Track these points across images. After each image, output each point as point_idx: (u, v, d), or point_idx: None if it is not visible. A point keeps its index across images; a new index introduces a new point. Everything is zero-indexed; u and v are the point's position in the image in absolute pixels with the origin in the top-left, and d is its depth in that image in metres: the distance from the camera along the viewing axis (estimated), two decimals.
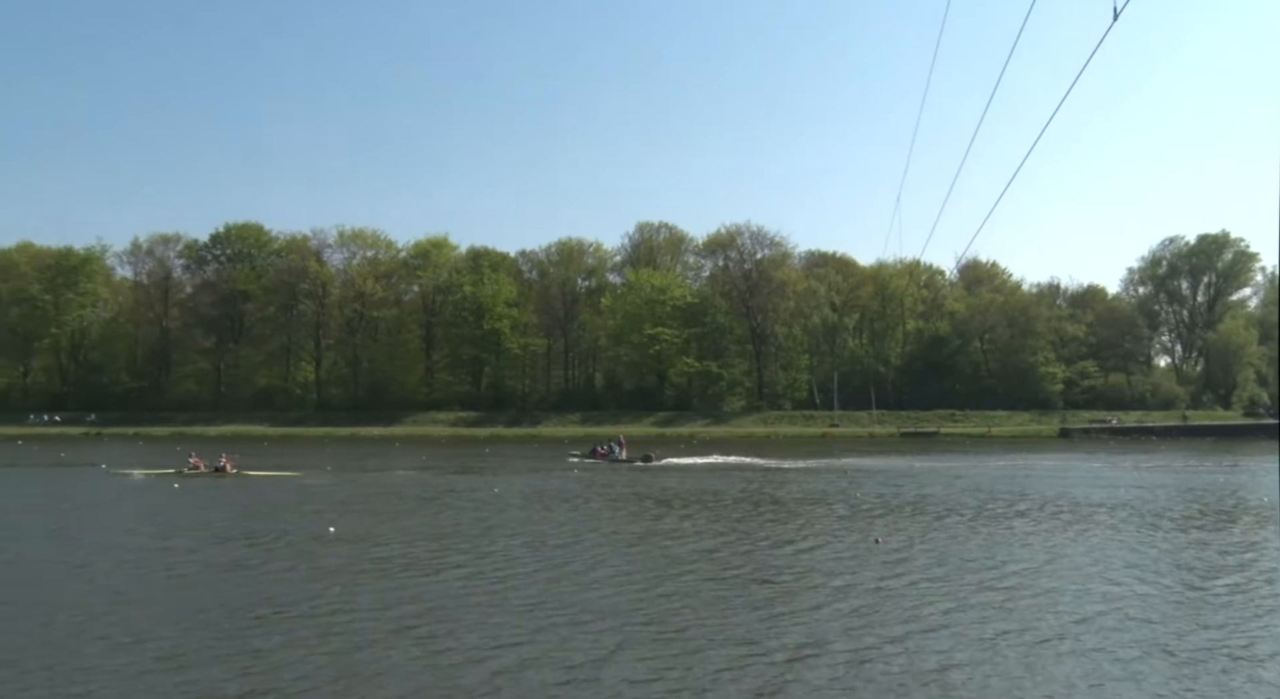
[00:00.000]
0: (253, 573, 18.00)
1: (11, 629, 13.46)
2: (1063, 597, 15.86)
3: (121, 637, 13.00)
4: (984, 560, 19.37)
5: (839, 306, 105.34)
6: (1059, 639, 13.08)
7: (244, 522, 25.62)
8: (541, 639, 12.87)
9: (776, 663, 11.85)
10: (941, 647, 12.63)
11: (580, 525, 24.80)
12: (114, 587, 16.71)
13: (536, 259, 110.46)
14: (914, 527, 24.55)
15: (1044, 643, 12.89)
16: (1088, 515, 27.14)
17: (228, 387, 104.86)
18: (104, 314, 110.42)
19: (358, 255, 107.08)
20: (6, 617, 14.27)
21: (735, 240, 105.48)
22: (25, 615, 14.34)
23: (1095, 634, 13.35)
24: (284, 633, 13.25)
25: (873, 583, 16.94)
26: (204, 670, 11.41)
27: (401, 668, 11.59)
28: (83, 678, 11.13)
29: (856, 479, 39.45)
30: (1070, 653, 12.38)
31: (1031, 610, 14.88)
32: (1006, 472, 44.30)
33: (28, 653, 12.13)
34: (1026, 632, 13.48)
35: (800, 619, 14.17)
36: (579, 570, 18.16)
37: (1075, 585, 16.79)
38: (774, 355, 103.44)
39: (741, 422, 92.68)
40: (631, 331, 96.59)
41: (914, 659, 12.04)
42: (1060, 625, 13.87)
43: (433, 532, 23.43)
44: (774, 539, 22.36)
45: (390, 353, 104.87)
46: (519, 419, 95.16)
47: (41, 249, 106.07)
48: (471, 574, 17.73)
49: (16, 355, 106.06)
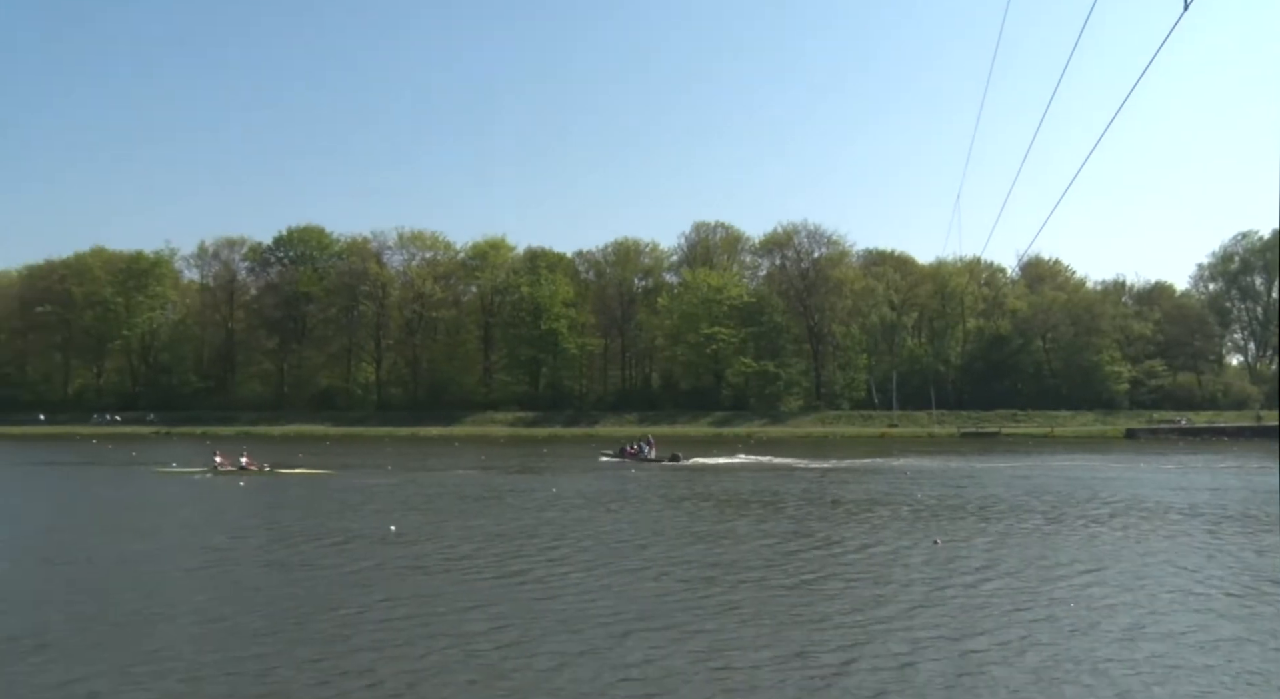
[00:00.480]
0: (324, 572, 18.29)
1: (94, 629, 13.86)
2: (1138, 603, 15.50)
3: (200, 635, 13.31)
4: (1052, 564, 19.00)
5: (897, 305, 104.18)
6: (1130, 646, 12.78)
7: (310, 520, 26.08)
8: (619, 644, 12.85)
9: (856, 672, 11.75)
10: (1008, 654, 12.41)
11: (643, 526, 24.84)
12: (189, 585, 17.12)
13: (593, 259, 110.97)
14: (975, 528, 24.18)
15: (1116, 653, 12.60)
16: (1161, 518, 26.48)
17: (291, 387, 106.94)
18: (172, 316, 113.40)
19: (417, 257, 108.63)
20: (99, 617, 14.69)
21: (792, 239, 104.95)
22: (108, 612, 14.76)
23: (1173, 645, 13.01)
24: (359, 634, 13.45)
25: (935, 586, 16.71)
26: (282, 673, 11.62)
27: (481, 670, 11.67)
28: (160, 678, 11.41)
29: (916, 479, 38.98)
30: (1147, 665, 12.09)
31: (1102, 616, 14.54)
32: (1072, 473, 43.39)
33: (116, 650, 12.49)
34: (1097, 639, 13.19)
35: (860, 624, 14.02)
36: (647, 572, 18.17)
37: (1151, 592, 16.41)
38: (831, 355, 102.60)
39: (799, 421, 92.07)
40: (688, 331, 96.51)
41: (979, 668, 11.86)
42: (1134, 633, 13.55)
43: (496, 531, 23.64)
44: (833, 540, 22.16)
45: (449, 353, 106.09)
46: (576, 419, 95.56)
47: (113, 253, 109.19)
48: (541, 577, 17.80)
49: (90, 357, 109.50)
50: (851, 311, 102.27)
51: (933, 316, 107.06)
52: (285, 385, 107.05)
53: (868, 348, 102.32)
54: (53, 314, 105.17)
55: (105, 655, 12.13)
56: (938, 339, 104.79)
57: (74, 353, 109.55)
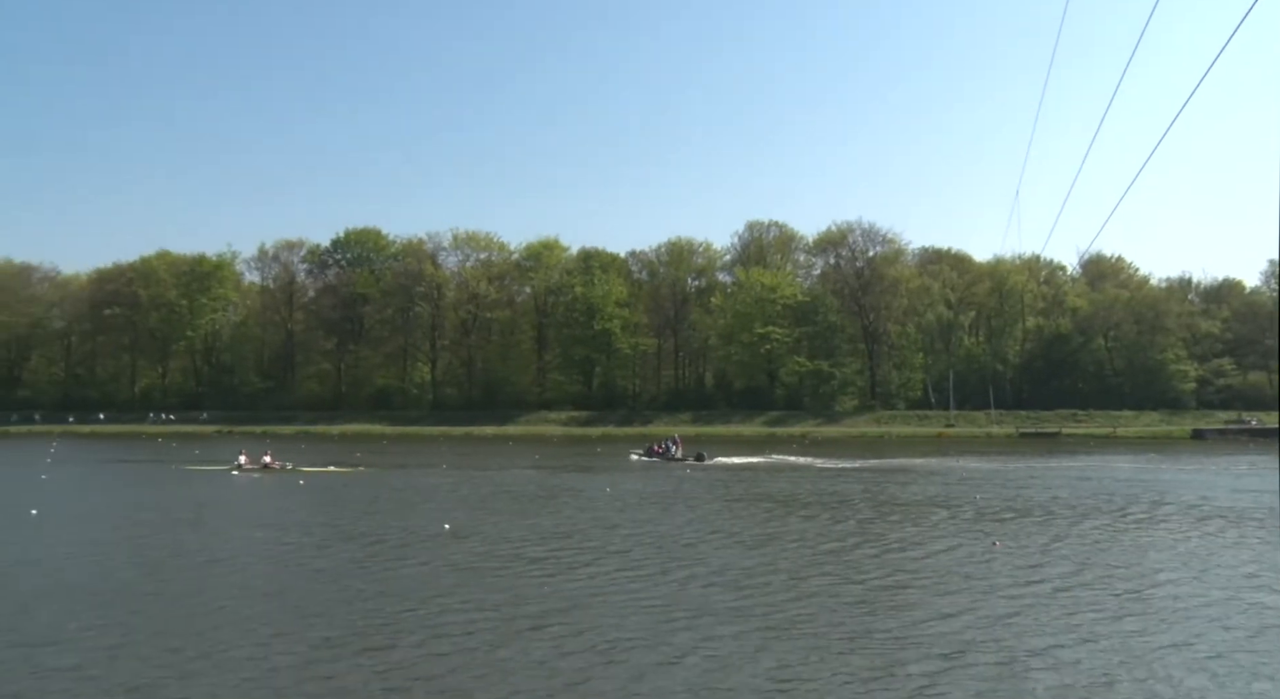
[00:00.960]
0: (384, 569, 18.49)
1: (162, 626, 14.14)
2: (1210, 608, 15.07)
3: (266, 632, 13.52)
4: (1120, 566, 18.57)
5: (954, 304, 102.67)
6: (1207, 652, 12.41)
7: (369, 518, 26.41)
8: (675, 640, 12.84)
9: (911, 674, 11.57)
10: (1072, 656, 12.13)
11: (700, 526, 24.77)
12: (252, 582, 17.41)
13: (646, 259, 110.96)
14: (1037, 531, 23.72)
15: (1192, 658, 12.25)
16: (1234, 521, 25.72)
17: (348, 387, 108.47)
18: (234, 317, 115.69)
19: (471, 258, 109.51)
20: (165, 613, 15.00)
21: (846, 238, 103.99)
22: (173, 610, 15.06)
23: (1246, 651, 12.62)
24: (425, 630, 13.56)
25: (993, 588, 16.41)
26: (347, 663, 11.76)
27: (543, 666, 11.71)
28: (228, 677, 11.59)
29: (971, 480, 38.34)
30: (1224, 670, 11.74)
31: (1175, 621, 14.15)
32: (1138, 474, 42.38)
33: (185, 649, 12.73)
34: (1169, 644, 12.83)
35: (921, 624, 13.80)
36: (704, 571, 18.12)
37: (1224, 595, 15.95)
38: (887, 354, 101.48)
39: (854, 421, 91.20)
40: (742, 331, 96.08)
41: (1027, 670, 11.60)
42: (1209, 639, 13.16)
43: (553, 530, 23.73)
44: (891, 542, 21.88)
45: (503, 353, 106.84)
46: (630, 418, 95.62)
47: (178, 256, 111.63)
48: (598, 573, 17.88)
49: (156, 357, 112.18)
50: (907, 310, 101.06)
51: (990, 315, 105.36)
52: (343, 385, 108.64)
53: (924, 347, 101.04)
54: (120, 316, 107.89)
55: (171, 654, 12.34)
56: (996, 338, 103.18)
57: (140, 353, 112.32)
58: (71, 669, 11.48)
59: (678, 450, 51.76)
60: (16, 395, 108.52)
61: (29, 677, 11.19)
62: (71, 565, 18.94)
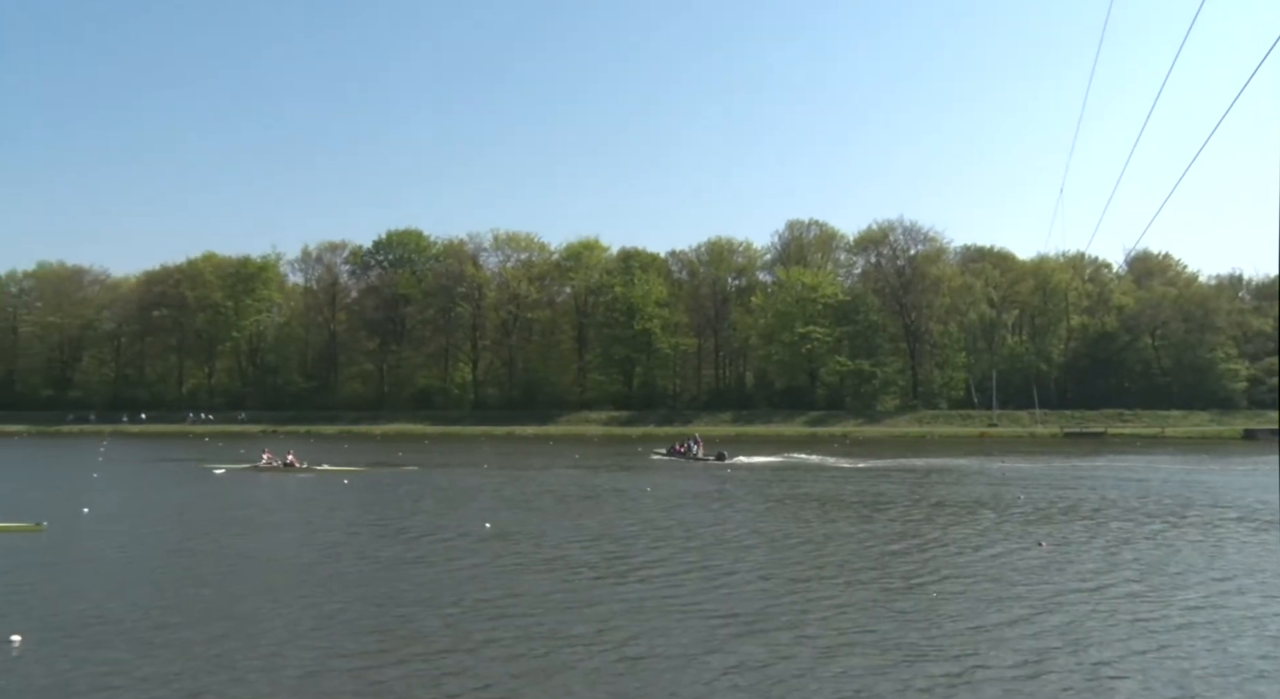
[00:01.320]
0: (434, 569, 18.65)
1: (209, 624, 14.40)
2: (1270, 616, 14.79)
3: (313, 633, 13.70)
4: (1178, 570, 18.27)
5: (997, 302, 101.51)
6: (1261, 664, 12.19)
7: (414, 517, 26.68)
8: (734, 647, 12.78)
9: (983, 680, 11.49)
10: (1105, 657, 11.96)
11: (746, 527, 24.71)
12: (296, 584, 17.64)
13: (686, 259, 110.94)
14: (1084, 531, 23.41)
15: (1246, 674, 12.03)
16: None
17: (390, 387, 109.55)
18: (278, 318, 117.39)
19: (512, 258, 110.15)
20: (212, 612, 15.27)
21: (888, 236, 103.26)
22: (220, 609, 15.33)
23: None
24: (466, 633, 13.66)
25: (1058, 593, 16.21)
26: (404, 667, 11.89)
27: (602, 671, 11.70)
28: (278, 677, 11.77)
29: (1013, 479, 37.90)
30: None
31: (1245, 631, 13.90)
32: (1187, 475, 41.64)
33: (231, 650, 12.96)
34: (1247, 653, 12.61)
35: (967, 630, 13.68)
36: (755, 574, 18.06)
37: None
38: (929, 353, 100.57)
39: (895, 421, 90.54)
40: (782, 330, 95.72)
41: (1109, 679, 11.46)
42: (1265, 650, 12.93)
43: (598, 531, 23.79)
44: (941, 543, 21.69)
45: (544, 353, 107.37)
46: (670, 418, 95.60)
47: (223, 259, 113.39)
48: (649, 576, 17.84)
49: (202, 358, 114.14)
50: (949, 309, 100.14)
51: (1034, 314, 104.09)
52: (385, 385, 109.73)
53: (966, 346, 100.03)
54: (168, 317, 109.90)
55: (220, 655, 12.55)
56: (1039, 337, 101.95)
57: (187, 354, 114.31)
58: (113, 666, 11.69)
59: (699, 450, 52.95)
60: (69, 396, 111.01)
61: (69, 672, 11.44)
62: (123, 562, 19.34)
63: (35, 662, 11.80)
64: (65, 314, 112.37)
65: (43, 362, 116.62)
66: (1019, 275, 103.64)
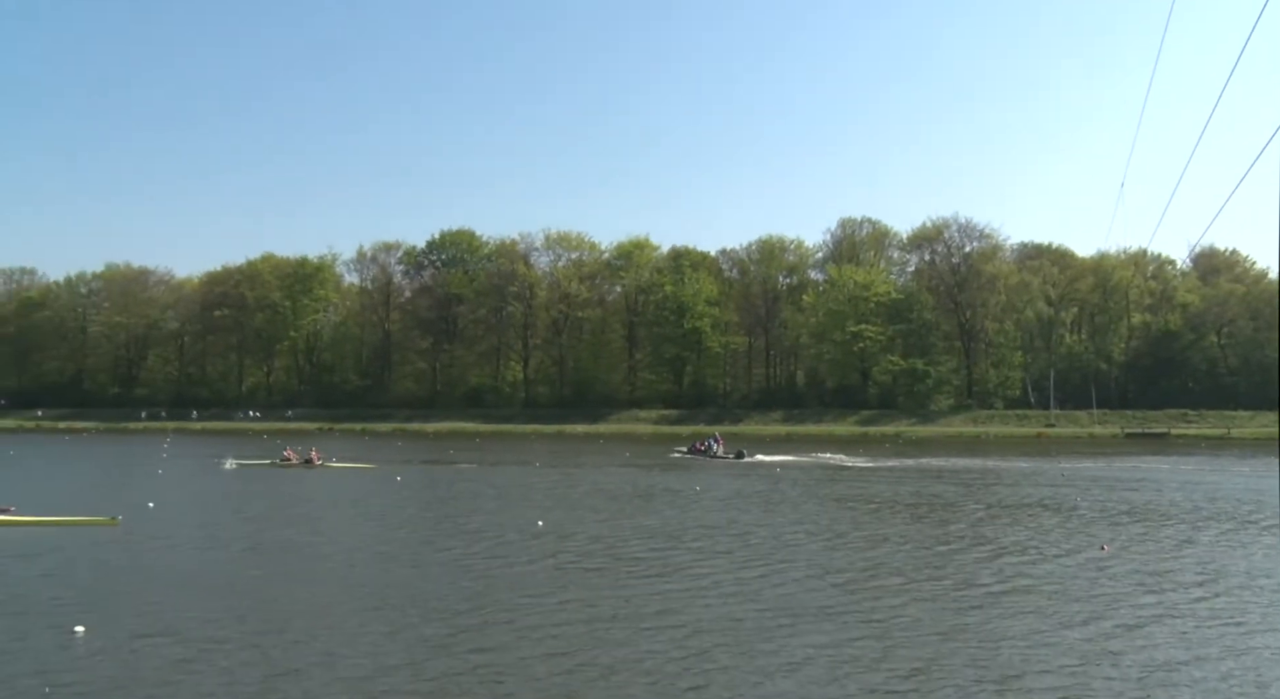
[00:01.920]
0: (485, 566, 18.77)
1: (260, 625, 14.62)
2: None
3: (373, 629, 13.85)
4: (1253, 575, 17.78)
5: (1055, 300, 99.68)
6: None
7: (471, 515, 26.89)
8: (795, 644, 12.72)
9: (1041, 682, 11.29)
10: (1217, 670, 11.66)
11: (800, 526, 24.53)
12: (352, 579, 17.87)
13: (737, 257, 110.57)
14: (1147, 535, 22.88)
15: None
16: None
17: (443, 385, 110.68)
18: (334, 318, 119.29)
19: (563, 257, 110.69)
20: (262, 612, 15.52)
21: (942, 233, 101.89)
22: (277, 605, 15.57)
23: None
24: (534, 630, 13.73)
25: (1118, 595, 15.87)
26: (456, 661, 11.98)
27: (660, 671, 11.70)
28: (337, 673, 11.92)
29: (1071, 479, 37.19)
30: None
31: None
32: (1255, 479, 40.49)
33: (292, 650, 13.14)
34: None
35: (1047, 632, 13.43)
36: (810, 572, 17.95)
37: None
38: (984, 352, 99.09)
39: (950, 421, 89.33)
40: (834, 329, 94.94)
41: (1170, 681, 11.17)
42: None
43: (653, 528, 23.77)
44: (999, 545, 21.33)
45: (594, 352, 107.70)
46: (720, 417, 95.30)
47: (281, 259, 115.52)
48: (704, 573, 17.80)
49: (261, 357, 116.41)
50: (1006, 307, 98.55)
51: (1094, 312, 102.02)
52: (438, 384, 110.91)
53: (1023, 345, 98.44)
54: (229, 317, 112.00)
55: (278, 650, 12.74)
56: (1099, 335, 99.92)
57: (247, 353, 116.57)
58: (178, 661, 11.92)
59: (719, 447, 54.33)
60: (135, 393, 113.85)
61: (132, 662, 11.68)
62: (184, 557, 19.76)
63: (101, 654, 12.10)
64: (131, 314, 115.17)
65: (110, 360, 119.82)
66: (1078, 272, 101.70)
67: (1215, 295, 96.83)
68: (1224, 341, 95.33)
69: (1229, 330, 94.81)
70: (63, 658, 11.92)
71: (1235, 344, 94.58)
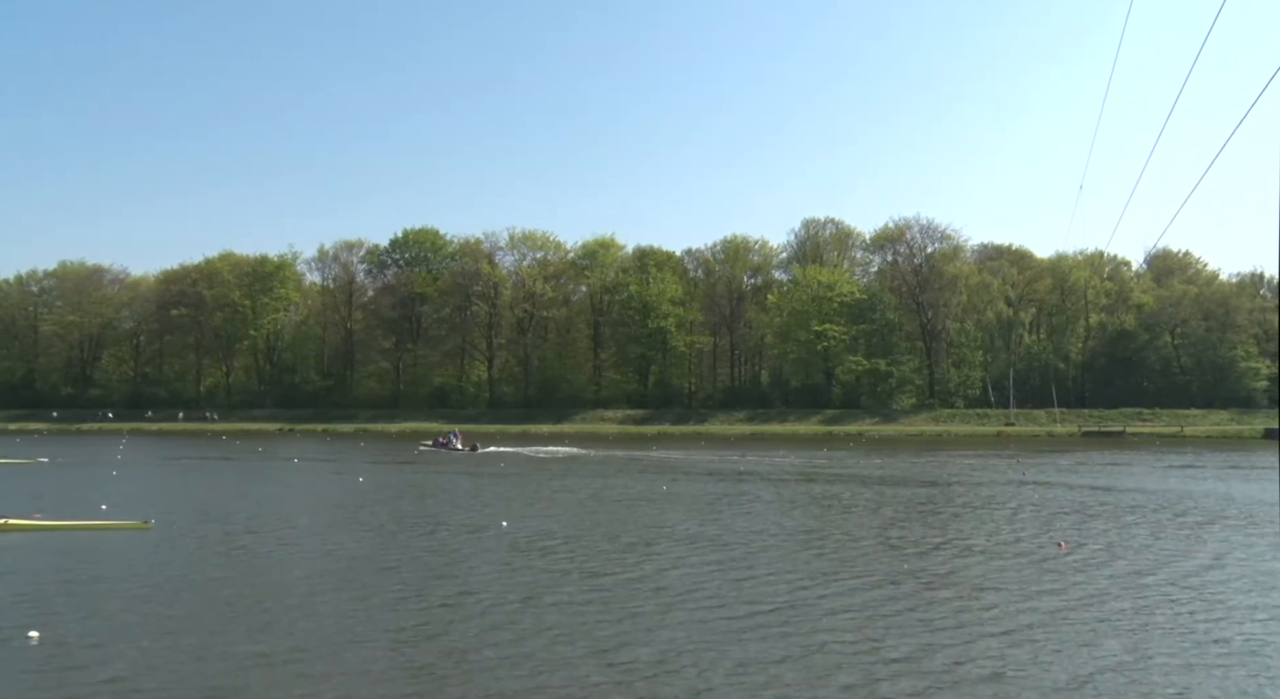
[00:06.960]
0: (449, 564, 18.67)
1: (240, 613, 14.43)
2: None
3: (349, 627, 13.73)
4: (1198, 570, 18.12)
5: (1014, 301, 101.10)
6: None
7: (442, 514, 26.73)
8: (790, 637, 12.81)
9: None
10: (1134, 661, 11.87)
11: (759, 522, 24.62)
12: (322, 577, 17.69)
13: (702, 257, 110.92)
14: (1102, 530, 23.23)
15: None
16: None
17: (406, 385, 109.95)
18: (295, 317, 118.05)
19: (528, 257, 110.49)
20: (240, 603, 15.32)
21: (904, 234, 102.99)
22: (248, 605, 15.37)
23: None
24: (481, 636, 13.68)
25: (1066, 591, 16.10)
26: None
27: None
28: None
29: (1029, 476, 37.70)
30: None
31: (1258, 635, 13.77)
32: (1207, 475, 41.26)
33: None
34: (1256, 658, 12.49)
35: (992, 633, 13.60)
36: (762, 571, 18.03)
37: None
38: (946, 352, 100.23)
39: (912, 420, 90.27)
40: (798, 329, 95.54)
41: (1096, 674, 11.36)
42: None
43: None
44: (952, 541, 21.56)
45: (559, 352, 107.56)
46: (686, 417, 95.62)
47: (240, 258, 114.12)
48: (650, 575, 17.84)
49: (221, 356, 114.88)
50: (966, 308, 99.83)
51: (1052, 312, 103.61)
52: (401, 384, 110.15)
53: (983, 345, 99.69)
54: (186, 316, 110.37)
55: (256, 654, 12.59)
56: (1057, 335, 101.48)
57: (206, 353, 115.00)
58: (132, 665, 11.74)
59: (458, 441, 60.93)
60: (89, 394, 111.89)
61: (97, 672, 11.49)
62: (141, 556, 19.46)
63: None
64: (85, 313, 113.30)
65: (63, 360, 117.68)
66: (1037, 273, 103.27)
67: (1169, 296, 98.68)
68: (1177, 342, 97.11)
69: (1182, 330, 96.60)
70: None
71: (1188, 344, 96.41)
